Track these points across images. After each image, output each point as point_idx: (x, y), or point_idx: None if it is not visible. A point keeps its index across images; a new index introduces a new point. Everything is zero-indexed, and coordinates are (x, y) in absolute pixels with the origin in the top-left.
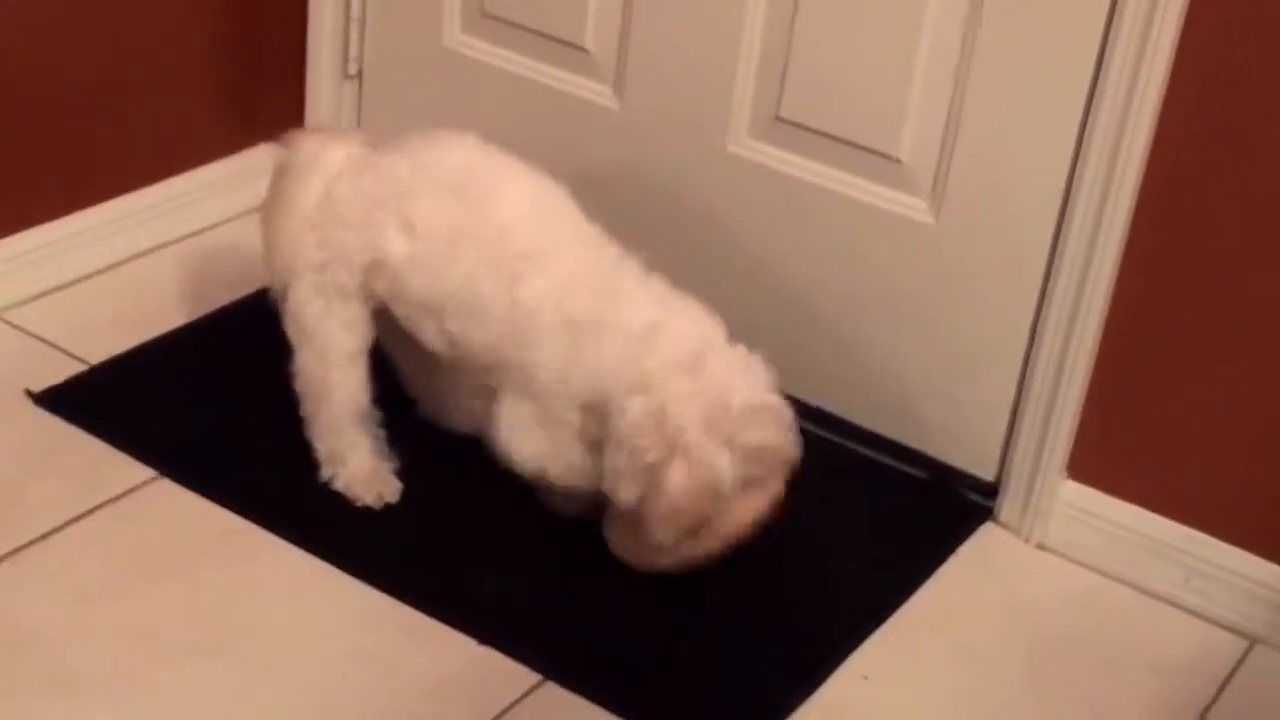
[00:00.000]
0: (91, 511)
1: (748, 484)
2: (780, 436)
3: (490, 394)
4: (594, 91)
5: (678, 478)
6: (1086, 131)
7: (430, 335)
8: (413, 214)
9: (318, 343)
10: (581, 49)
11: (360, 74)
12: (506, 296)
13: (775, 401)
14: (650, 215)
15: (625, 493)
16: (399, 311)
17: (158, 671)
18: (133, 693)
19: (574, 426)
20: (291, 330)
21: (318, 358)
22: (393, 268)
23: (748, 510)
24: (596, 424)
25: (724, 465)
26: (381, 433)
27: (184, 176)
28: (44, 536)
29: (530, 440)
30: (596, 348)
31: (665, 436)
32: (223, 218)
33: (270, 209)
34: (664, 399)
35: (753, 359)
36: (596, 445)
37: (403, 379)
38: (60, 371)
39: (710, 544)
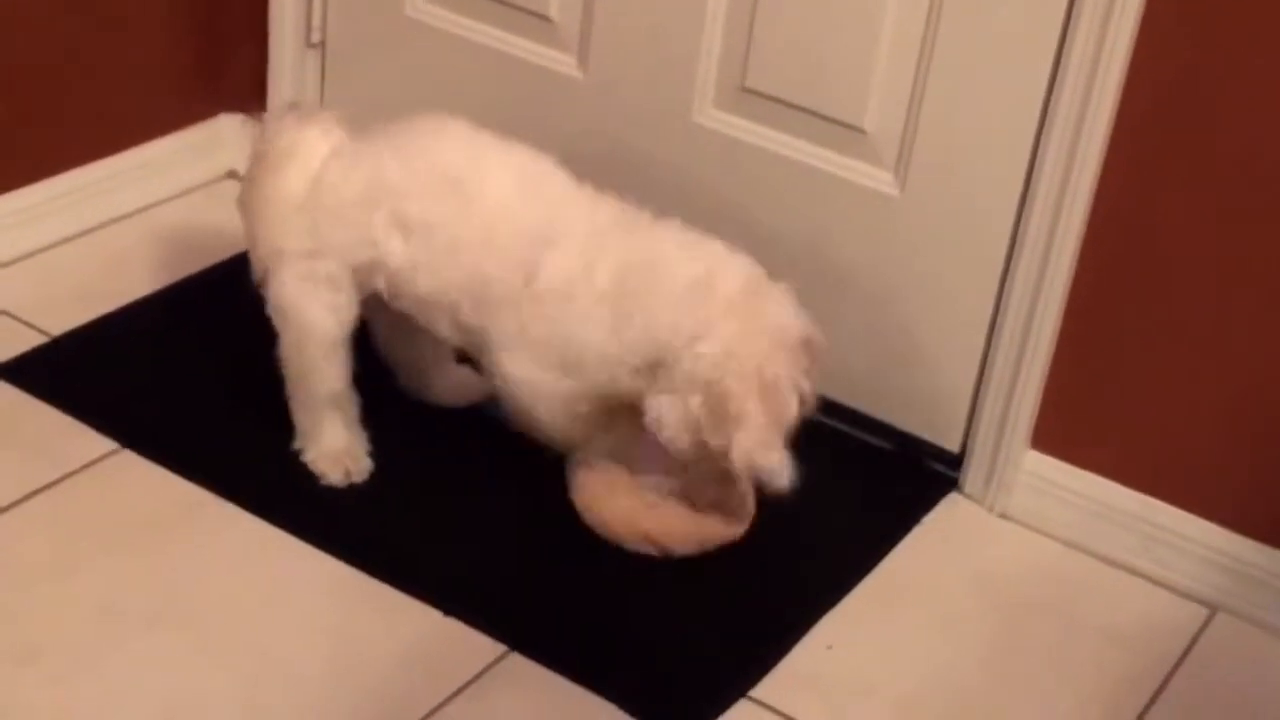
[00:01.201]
0: (53, 484)
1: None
2: (817, 366)
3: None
4: (558, 61)
5: (761, 418)
6: (1051, 103)
7: (443, 328)
8: (408, 215)
9: (299, 327)
10: (546, 18)
11: (323, 43)
12: (525, 281)
13: (817, 333)
14: (614, 185)
15: (694, 437)
16: (403, 307)
17: (121, 644)
18: (96, 666)
19: (622, 386)
20: (275, 314)
21: (299, 343)
22: (391, 269)
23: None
24: (650, 381)
25: (794, 400)
26: (356, 410)
27: (146, 146)
28: (4, 509)
29: (544, 389)
30: (648, 311)
31: (746, 375)
32: (185, 188)
33: (251, 196)
34: (734, 340)
35: (789, 291)
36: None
37: (382, 352)
38: (21, 343)
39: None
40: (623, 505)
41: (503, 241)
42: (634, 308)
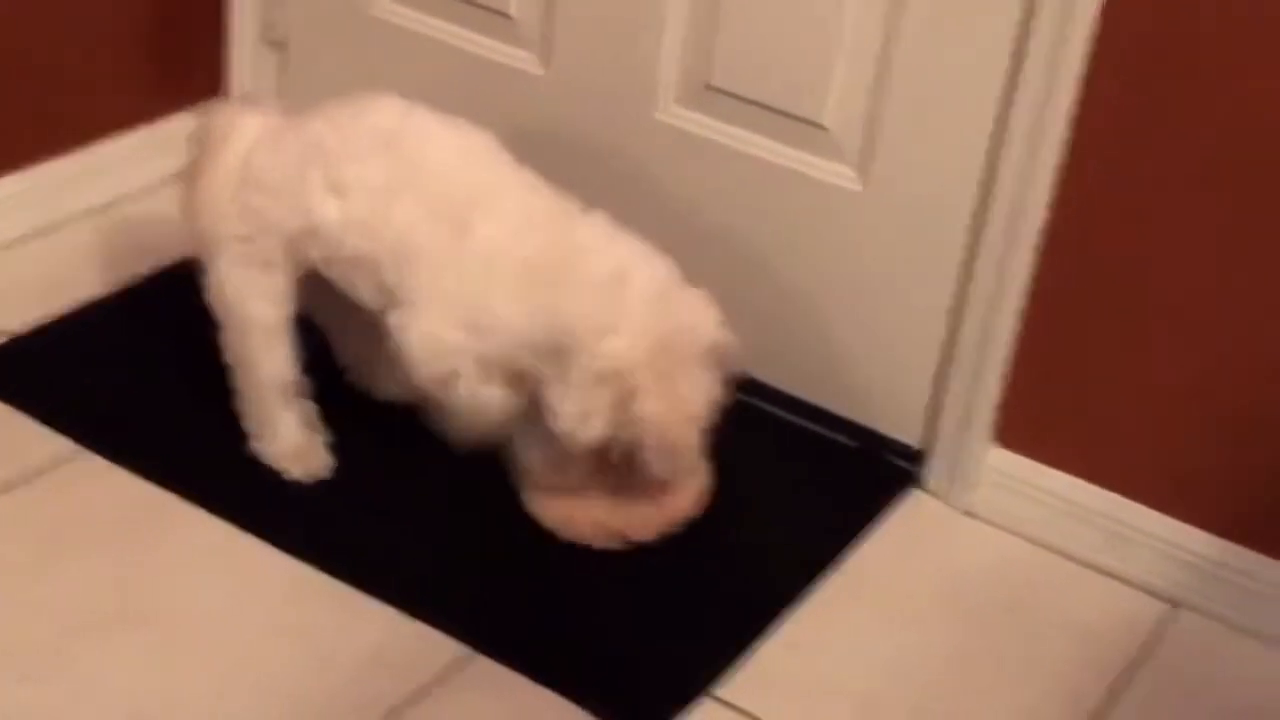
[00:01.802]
0: (12, 487)
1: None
2: (728, 373)
3: None
4: (519, 59)
5: (657, 407)
6: (1010, 96)
7: (366, 292)
8: (342, 175)
9: (240, 316)
10: (506, 15)
11: (283, 41)
12: (450, 244)
13: (732, 340)
14: (577, 183)
15: (592, 432)
16: (332, 273)
17: (82, 647)
18: (56, 668)
19: (523, 363)
20: (214, 303)
21: (241, 331)
22: (325, 232)
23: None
24: (552, 368)
25: (700, 402)
26: (312, 404)
27: (104, 144)
28: None
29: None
30: (560, 291)
31: (653, 370)
32: (143, 186)
33: (188, 182)
34: (642, 337)
35: (705, 297)
36: (521, 382)
37: (333, 347)
38: None
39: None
40: (579, 504)
41: (438, 204)
42: (548, 288)
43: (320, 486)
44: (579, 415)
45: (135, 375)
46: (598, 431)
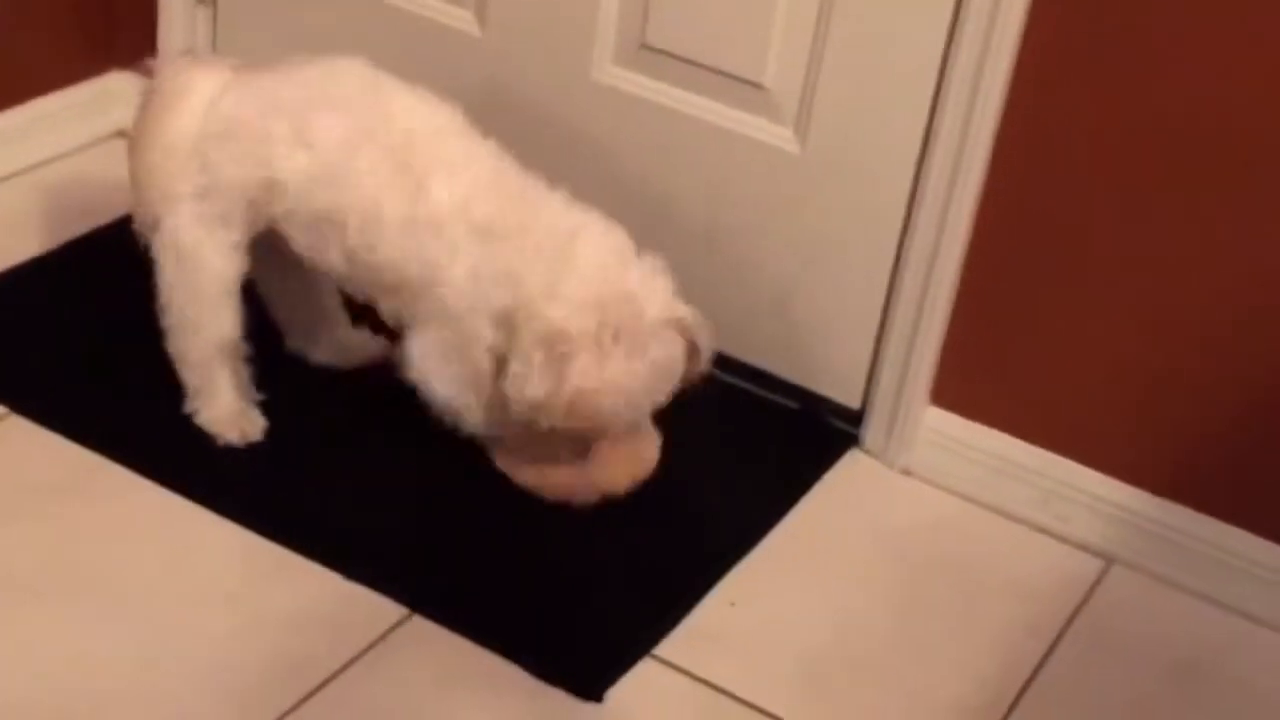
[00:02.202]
0: None
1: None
2: (689, 352)
3: (366, 324)
4: (456, 18)
5: (583, 371)
6: (949, 59)
7: (332, 255)
8: (308, 128)
9: (191, 273)
10: None
11: None
12: (410, 208)
13: (688, 313)
14: (514, 144)
15: (531, 392)
16: (293, 232)
17: (13, 613)
18: None
19: (486, 342)
20: (164, 260)
21: (190, 289)
22: (290, 185)
23: (650, 446)
24: (505, 337)
25: (637, 375)
26: (248, 368)
27: (33, 103)
28: None
29: (445, 376)
30: (511, 255)
31: (581, 340)
32: (75, 146)
33: (140, 138)
34: (580, 306)
35: (660, 269)
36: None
37: (272, 311)
38: None
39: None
40: (549, 464)
41: (400, 164)
42: (497, 251)
43: (255, 450)
44: (521, 376)
45: (66, 338)
46: (537, 393)
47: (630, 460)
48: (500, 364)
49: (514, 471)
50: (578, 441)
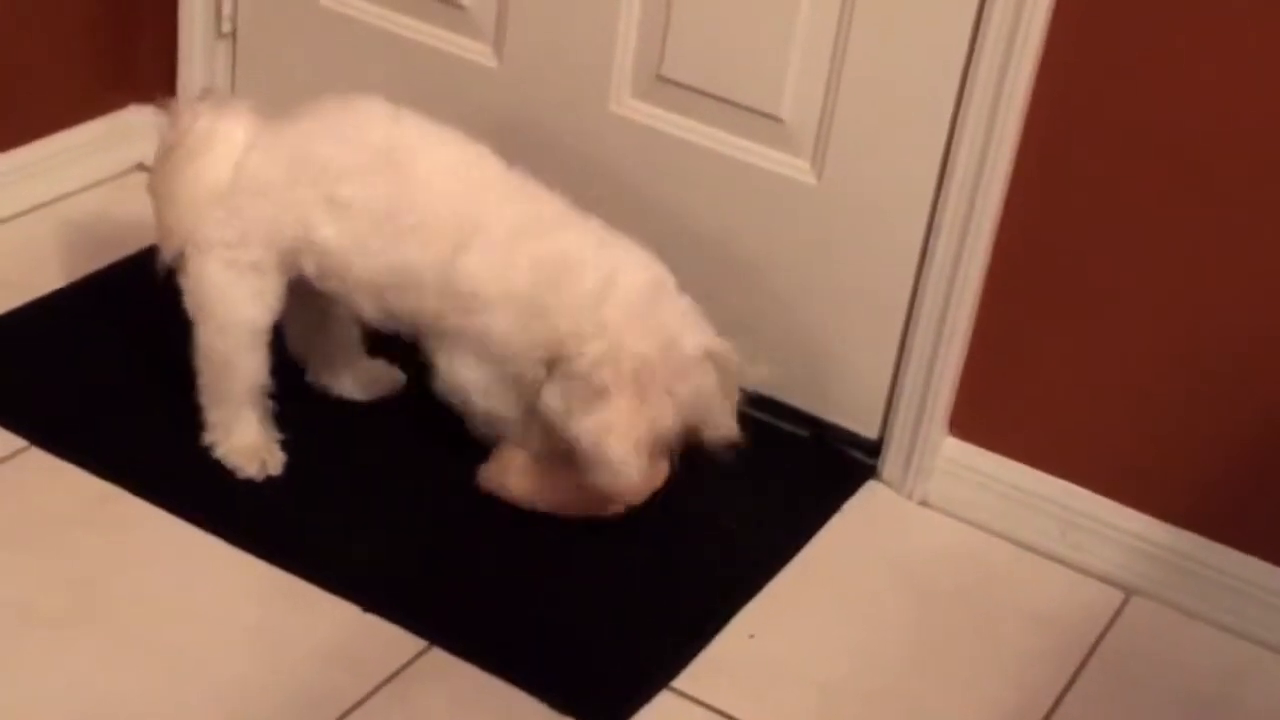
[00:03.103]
0: None
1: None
2: (723, 383)
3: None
4: (473, 50)
5: (623, 414)
6: (965, 92)
7: (368, 309)
8: (339, 194)
9: (221, 320)
10: (460, 6)
11: (234, 33)
12: (446, 268)
13: (723, 348)
14: (532, 176)
15: (567, 423)
16: (330, 289)
17: (34, 645)
18: (7, 665)
19: (528, 378)
20: (193, 306)
21: (219, 335)
22: (322, 250)
23: (661, 469)
24: (546, 371)
25: (670, 411)
26: (271, 404)
27: (54, 138)
28: None
29: (482, 389)
30: (552, 304)
31: (622, 376)
32: (95, 179)
33: (165, 183)
34: (619, 342)
35: (695, 306)
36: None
37: (292, 344)
38: None
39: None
40: (534, 473)
41: (432, 224)
42: (541, 305)
43: (275, 483)
44: (561, 413)
45: (85, 371)
46: (574, 426)
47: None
48: (540, 389)
49: (507, 486)
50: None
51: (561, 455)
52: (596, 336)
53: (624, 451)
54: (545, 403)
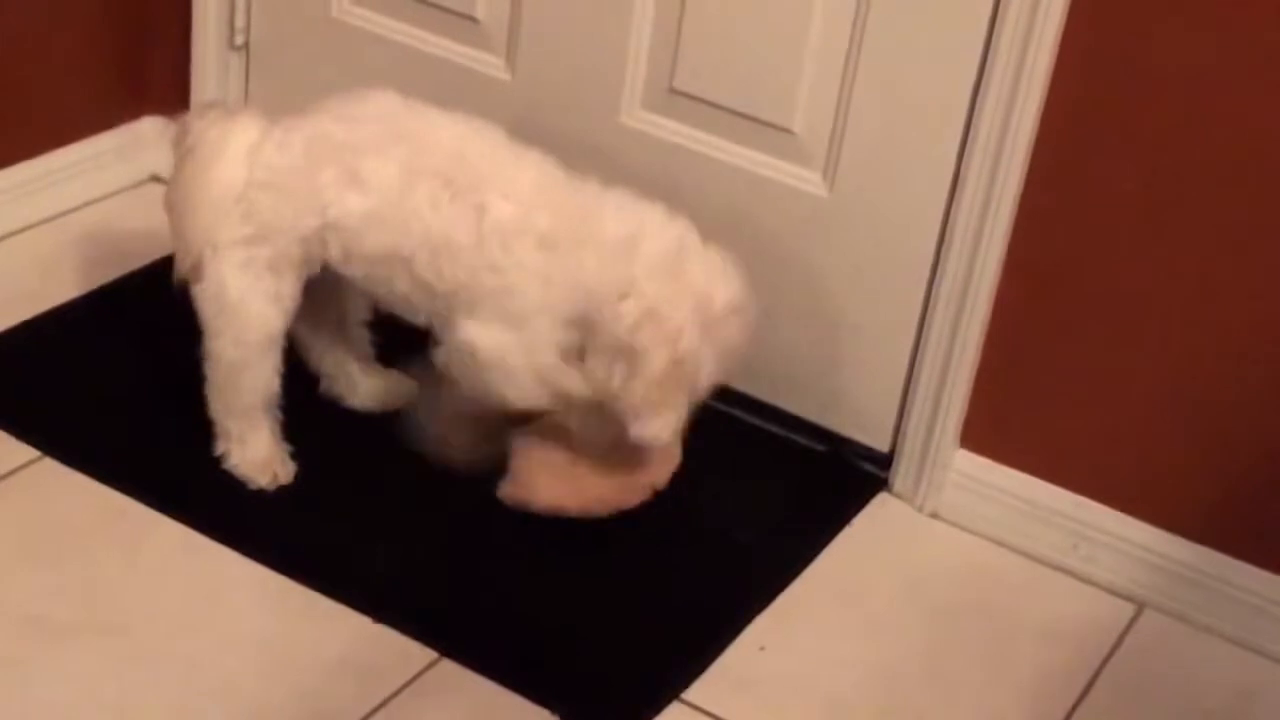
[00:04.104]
0: None
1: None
2: (747, 339)
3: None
4: (486, 63)
5: (664, 375)
6: (977, 104)
7: (401, 287)
8: (360, 169)
9: (239, 323)
10: (473, 19)
11: (247, 45)
12: (476, 229)
13: (748, 302)
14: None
15: (624, 392)
16: (355, 271)
17: (47, 655)
18: (20, 676)
19: (555, 342)
20: (209, 309)
21: (236, 339)
22: (347, 229)
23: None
24: (581, 336)
25: (708, 369)
26: (281, 415)
27: (68, 149)
28: None
29: (506, 351)
30: (578, 261)
31: (663, 334)
32: (108, 191)
33: (182, 191)
34: (654, 301)
35: (724, 259)
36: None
37: (305, 356)
38: None
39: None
40: (559, 476)
41: (458, 187)
42: (566, 257)
43: (287, 493)
44: (605, 379)
45: (98, 381)
46: (616, 385)
47: (669, 455)
48: (575, 363)
49: (534, 495)
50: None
51: (590, 448)
52: (629, 296)
53: (668, 410)
54: (590, 370)
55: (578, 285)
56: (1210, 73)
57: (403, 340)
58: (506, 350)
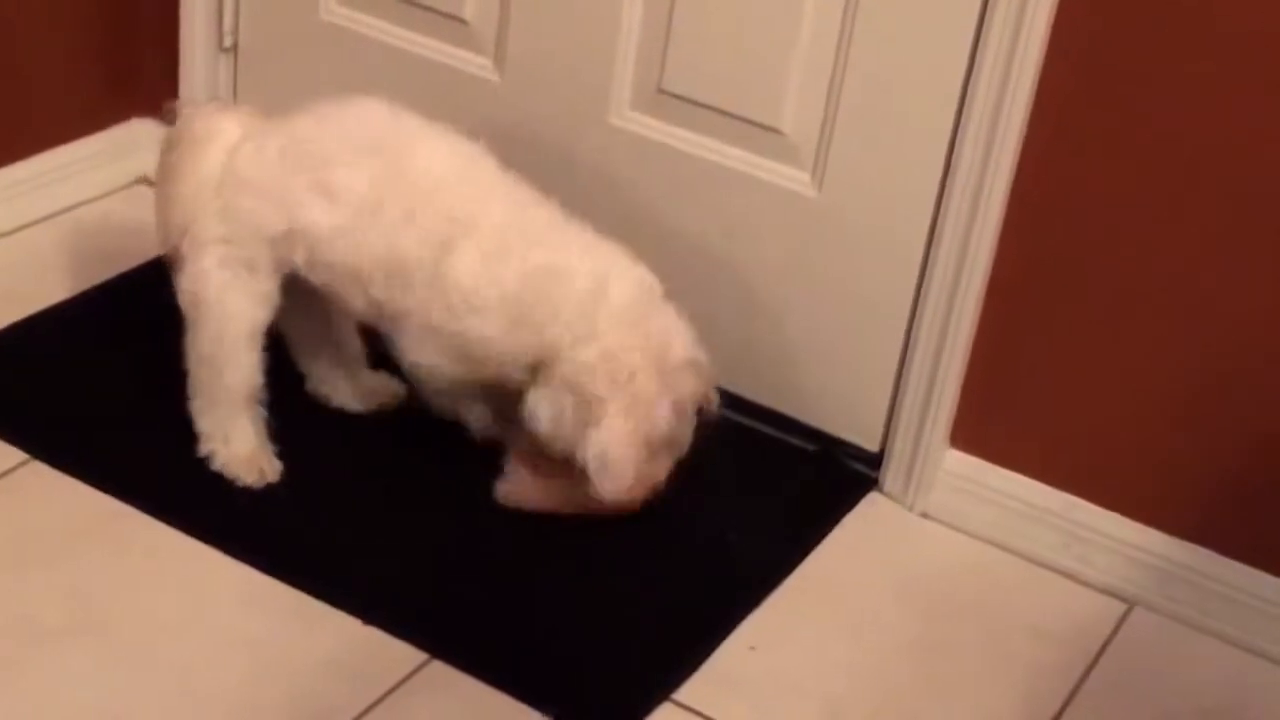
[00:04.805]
0: None
1: (667, 442)
2: (707, 391)
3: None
4: (474, 64)
5: (620, 421)
6: (965, 104)
7: (357, 303)
8: (331, 180)
9: (217, 318)
10: (461, 20)
11: (235, 46)
12: (435, 264)
13: (704, 357)
14: (533, 189)
15: (563, 433)
16: (317, 279)
17: (35, 657)
18: (9, 679)
19: (514, 380)
20: (188, 305)
21: (215, 334)
22: (313, 237)
23: (662, 468)
24: (534, 376)
25: (665, 416)
26: (264, 412)
27: (57, 151)
28: None
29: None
30: (541, 307)
31: (617, 382)
32: (97, 193)
33: (165, 184)
34: (613, 348)
35: (677, 314)
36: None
37: (294, 354)
38: None
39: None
40: (557, 478)
41: (424, 217)
42: (530, 311)
43: (274, 494)
44: (554, 420)
45: (85, 383)
46: (567, 434)
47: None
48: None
49: (531, 497)
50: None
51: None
52: (588, 342)
53: (623, 458)
54: (532, 410)
55: (538, 336)
56: (1203, 70)
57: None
58: (446, 376)
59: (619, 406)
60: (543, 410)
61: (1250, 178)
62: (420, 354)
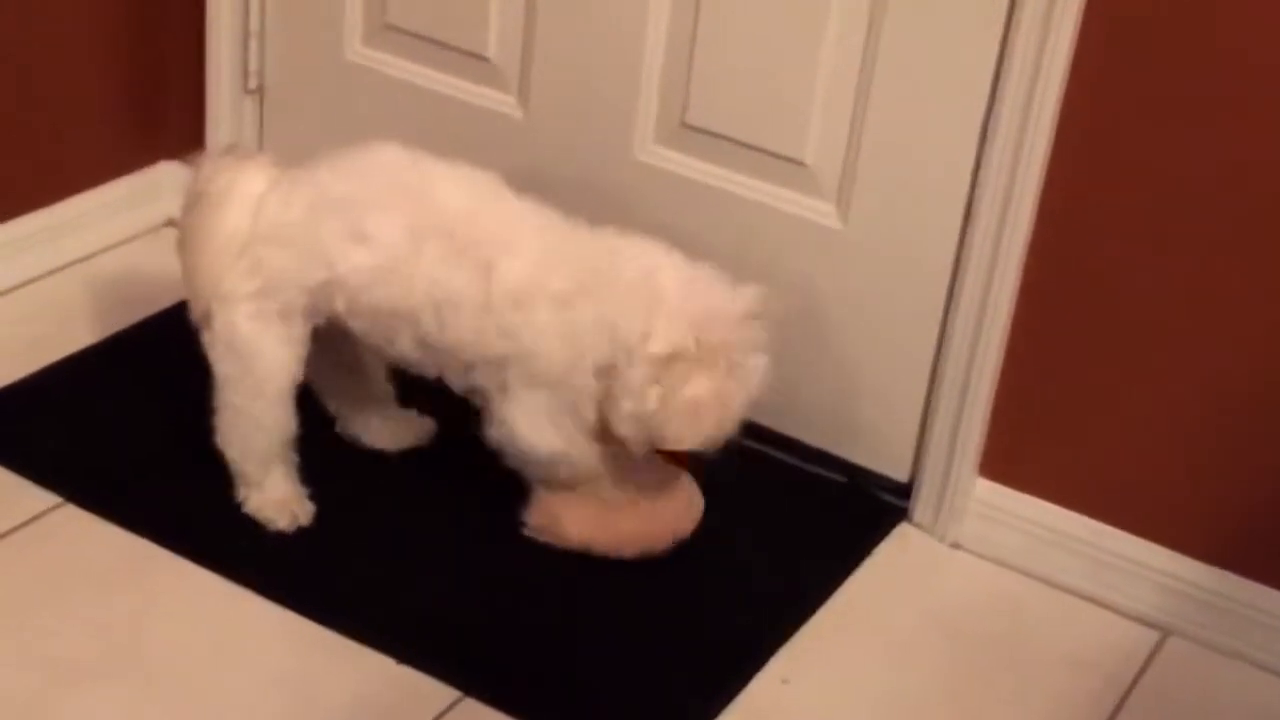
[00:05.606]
0: None
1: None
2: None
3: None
4: (498, 101)
5: (697, 384)
6: (989, 133)
7: (401, 344)
8: (364, 225)
9: (255, 372)
10: (484, 59)
11: (261, 88)
12: (484, 288)
13: (754, 298)
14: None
15: (644, 408)
16: (357, 326)
17: (68, 698)
18: (43, 719)
19: (592, 395)
20: (222, 359)
21: (253, 389)
22: (353, 284)
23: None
24: (609, 385)
25: (744, 382)
26: (297, 457)
27: (84, 195)
28: None
29: (550, 433)
30: (596, 309)
31: (697, 361)
32: (125, 237)
33: (190, 238)
34: (684, 332)
35: (715, 272)
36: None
37: (321, 397)
38: None
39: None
40: (589, 513)
41: (464, 244)
42: (584, 312)
43: (305, 534)
44: (635, 416)
45: (117, 427)
46: (649, 409)
47: (693, 504)
48: (606, 408)
49: (562, 531)
50: (662, 472)
51: (623, 487)
52: (653, 335)
53: (717, 419)
54: (621, 405)
55: (600, 335)
56: (1226, 94)
57: (420, 380)
58: (547, 413)
59: (705, 378)
60: (625, 407)
61: (1277, 203)
62: (507, 408)
